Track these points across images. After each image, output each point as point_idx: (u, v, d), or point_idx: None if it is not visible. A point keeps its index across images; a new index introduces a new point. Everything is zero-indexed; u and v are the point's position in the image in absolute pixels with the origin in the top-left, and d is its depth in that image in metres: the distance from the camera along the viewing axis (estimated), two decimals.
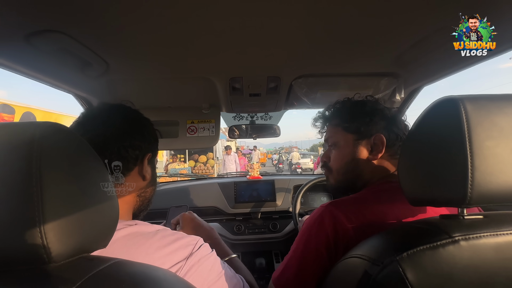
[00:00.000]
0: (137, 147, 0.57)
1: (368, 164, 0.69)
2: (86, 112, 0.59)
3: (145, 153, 0.59)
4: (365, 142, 0.69)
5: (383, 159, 0.68)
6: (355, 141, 0.70)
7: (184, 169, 7.61)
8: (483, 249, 0.35)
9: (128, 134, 0.56)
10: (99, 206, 0.36)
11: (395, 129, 0.69)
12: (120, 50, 0.72)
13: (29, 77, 0.74)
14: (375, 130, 0.69)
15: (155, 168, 0.66)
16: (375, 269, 0.39)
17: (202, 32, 0.64)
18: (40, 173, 0.30)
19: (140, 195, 0.60)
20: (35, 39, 0.60)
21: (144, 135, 0.59)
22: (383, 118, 0.70)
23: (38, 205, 0.30)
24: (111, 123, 0.55)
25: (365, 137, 0.69)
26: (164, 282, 0.35)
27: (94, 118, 0.57)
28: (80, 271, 0.32)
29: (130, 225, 0.50)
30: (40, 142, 0.31)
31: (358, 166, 0.70)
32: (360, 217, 0.56)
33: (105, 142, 0.53)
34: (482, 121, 0.37)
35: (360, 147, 0.70)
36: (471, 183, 0.36)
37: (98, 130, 0.53)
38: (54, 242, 0.30)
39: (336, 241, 0.55)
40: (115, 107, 0.60)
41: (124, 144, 0.55)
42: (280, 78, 0.95)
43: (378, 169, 0.68)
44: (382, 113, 0.71)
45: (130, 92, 1.04)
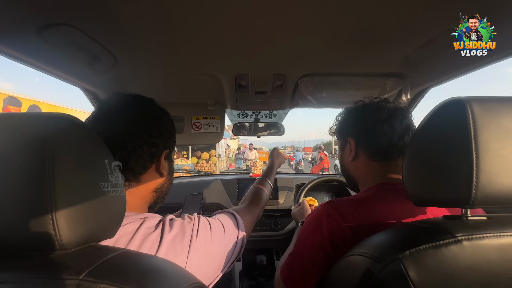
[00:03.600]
0: (153, 144, 0.56)
1: (353, 167, 0.75)
2: (101, 105, 0.58)
3: (162, 150, 0.58)
4: (347, 146, 0.75)
5: (366, 162, 0.71)
6: (342, 145, 0.78)
7: (186, 166, 7.65)
8: (486, 250, 0.36)
9: (145, 132, 0.55)
10: (108, 197, 0.37)
11: (365, 133, 0.71)
12: (128, 45, 0.72)
13: (39, 69, 0.76)
14: (350, 134, 0.75)
15: (173, 161, 0.65)
16: (377, 266, 0.39)
17: (210, 29, 0.64)
18: (53, 163, 0.31)
19: (156, 190, 0.59)
20: (46, 32, 0.61)
21: (161, 132, 0.58)
22: (356, 122, 0.74)
23: (51, 194, 0.31)
24: (127, 120, 0.54)
25: (344, 141, 0.76)
26: (170, 273, 0.36)
27: (110, 113, 0.55)
28: (89, 259, 0.32)
29: (139, 219, 0.51)
30: (54, 133, 0.32)
31: (346, 169, 0.78)
32: (356, 216, 0.57)
33: (122, 141, 0.52)
34: (489, 123, 0.37)
35: (344, 151, 0.77)
36: (475, 184, 0.36)
37: (115, 128, 0.52)
38: (65, 230, 0.31)
39: (332, 240, 0.57)
40: (130, 100, 0.58)
41: (140, 143, 0.54)
42: (286, 76, 0.95)
43: (366, 172, 0.71)
44: (355, 116, 0.76)
45: (137, 87, 1.05)
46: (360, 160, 0.72)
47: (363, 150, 0.71)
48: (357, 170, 0.74)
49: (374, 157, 0.69)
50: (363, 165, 0.71)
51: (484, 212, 0.57)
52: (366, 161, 0.70)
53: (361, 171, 0.72)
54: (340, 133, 0.79)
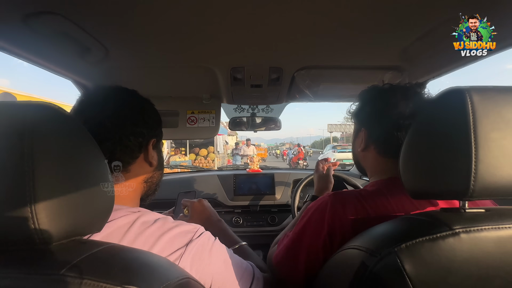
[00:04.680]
0: (139, 134, 0.55)
1: (362, 156, 0.71)
2: (82, 97, 0.56)
3: (149, 139, 0.58)
4: (360, 133, 0.70)
5: (376, 157, 0.66)
6: (356, 130, 0.73)
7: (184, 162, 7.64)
8: (483, 242, 0.35)
9: (129, 121, 0.54)
10: (94, 189, 0.36)
11: (380, 131, 0.64)
12: (119, 36, 0.70)
13: (27, 60, 0.73)
14: (364, 124, 0.69)
15: (161, 152, 0.64)
16: (373, 260, 0.38)
17: (204, 20, 0.62)
18: (32, 152, 0.30)
19: (147, 181, 0.59)
20: (33, 21, 0.59)
21: (146, 121, 0.57)
22: (374, 115, 0.66)
23: (30, 185, 0.29)
24: (110, 110, 0.53)
25: (358, 127, 0.71)
26: (158, 268, 0.35)
27: (91, 105, 0.55)
28: (72, 253, 0.31)
29: (134, 212, 0.49)
30: (33, 121, 0.31)
31: (355, 156, 0.75)
32: (360, 209, 0.56)
33: (106, 131, 0.51)
34: (488, 113, 0.36)
35: (357, 138, 0.72)
36: (474, 175, 0.35)
37: (97, 119, 0.51)
38: (46, 224, 0.30)
39: (332, 232, 0.56)
40: (112, 91, 0.58)
41: (125, 133, 0.53)
42: (282, 69, 0.93)
43: (375, 165, 0.68)
44: (374, 106, 0.66)
45: (130, 80, 1.03)
46: (370, 152, 0.68)
47: (374, 145, 0.66)
48: (366, 161, 0.71)
49: (385, 154, 0.65)
50: (373, 158, 0.68)
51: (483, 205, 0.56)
52: (376, 156, 0.67)
53: (370, 163, 0.69)
54: (356, 118, 0.73)
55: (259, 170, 1.76)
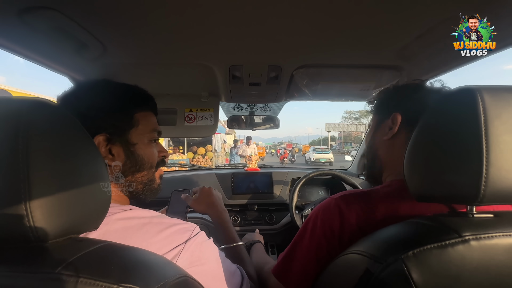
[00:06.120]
0: (113, 126, 0.53)
1: (386, 146, 0.65)
2: (62, 94, 0.56)
3: (123, 131, 0.55)
4: (386, 122, 0.64)
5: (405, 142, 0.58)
6: (378, 122, 0.68)
7: (182, 160, 7.61)
8: (494, 250, 0.33)
9: (103, 112, 0.52)
10: (90, 186, 0.35)
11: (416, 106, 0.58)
12: (117, 32, 0.69)
13: (23, 56, 0.72)
14: (397, 108, 0.62)
15: (148, 149, 0.59)
16: (378, 267, 0.37)
17: (203, 18, 0.62)
18: (26, 149, 0.29)
19: (134, 179, 0.57)
20: (29, 16, 0.58)
21: (119, 113, 0.55)
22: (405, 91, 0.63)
23: (25, 182, 0.29)
24: (84, 101, 0.52)
25: (384, 116, 0.65)
26: (155, 266, 0.34)
27: (67, 96, 0.54)
28: (68, 252, 0.31)
29: (125, 210, 0.48)
30: (28, 117, 0.30)
31: (375, 149, 0.68)
32: (368, 212, 0.53)
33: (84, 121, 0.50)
34: (501, 114, 0.34)
35: (380, 129, 0.66)
36: (485, 179, 0.33)
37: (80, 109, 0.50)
38: (41, 221, 0.29)
39: (340, 235, 0.53)
40: (91, 83, 0.57)
41: (102, 125, 0.52)
42: (281, 67, 0.93)
43: (401, 156, 0.59)
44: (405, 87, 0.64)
45: (127, 77, 1.02)
46: (400, 140, 0.61)
47: (408, 129, 0.59)
48: (390, 152, 0.63)
49: None
50: (402, 146, 0.60)
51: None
52: (406, 141, 0.58)
53: (396, 153, 0.62)
54: (382, 107, 0.68)
55: (257, 168, 1.76)
